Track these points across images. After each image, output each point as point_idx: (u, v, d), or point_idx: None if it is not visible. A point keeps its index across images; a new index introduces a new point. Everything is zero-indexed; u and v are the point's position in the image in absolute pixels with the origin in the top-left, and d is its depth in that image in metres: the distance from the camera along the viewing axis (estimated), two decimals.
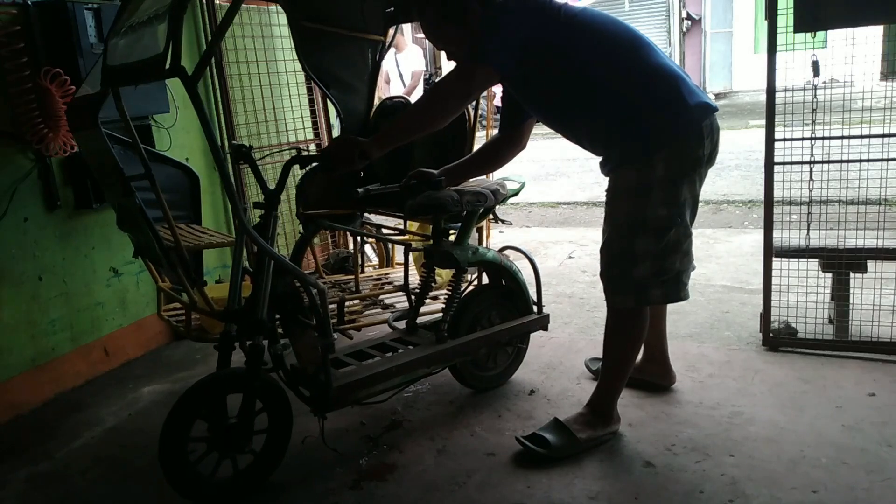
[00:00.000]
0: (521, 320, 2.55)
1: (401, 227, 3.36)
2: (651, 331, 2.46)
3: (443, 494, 2.01)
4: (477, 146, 2.57)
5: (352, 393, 2.12)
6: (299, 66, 3.91)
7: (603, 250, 2.12)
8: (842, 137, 2.68)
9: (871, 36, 2.75)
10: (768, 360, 2.71)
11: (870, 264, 2.76)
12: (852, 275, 2.77)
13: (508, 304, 2.58)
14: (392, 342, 2.44)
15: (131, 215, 2.26)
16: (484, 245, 3.25)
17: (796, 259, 2.81)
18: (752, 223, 5.06)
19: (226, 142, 3.58)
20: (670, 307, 3.31)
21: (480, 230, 3.19)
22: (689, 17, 15.16)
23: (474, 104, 2.81)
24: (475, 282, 3.09)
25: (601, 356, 2.36)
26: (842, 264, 2.76)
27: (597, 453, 2.14)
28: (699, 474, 2.01)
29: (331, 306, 2.69)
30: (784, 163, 2.68)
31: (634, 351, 2.23)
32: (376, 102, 3.30)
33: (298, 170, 2.14)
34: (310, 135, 4.08)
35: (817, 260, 2.83)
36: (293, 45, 2.91)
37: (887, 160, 2.67)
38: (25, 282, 2.73)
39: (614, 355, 2.20)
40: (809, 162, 2.69)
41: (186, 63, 1.78)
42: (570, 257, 4.51)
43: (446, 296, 2.47)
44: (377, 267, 3.73)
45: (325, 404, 2.07)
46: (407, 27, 10.21)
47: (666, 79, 1.97)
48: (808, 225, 2.75)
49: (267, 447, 2.06)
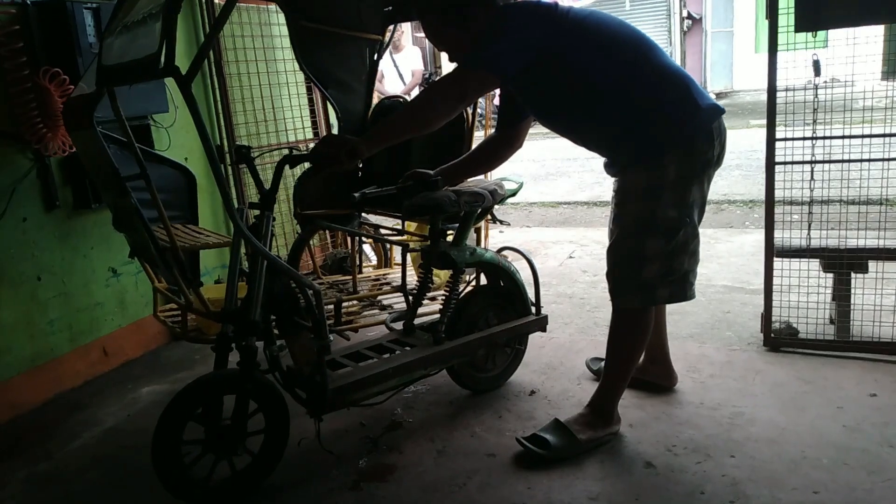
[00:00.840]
0: (520, 321, 2.54)
1: (399, 228, 3.35)
2: (652, 331, 2.46)
3: (443, 495, 2.00)
4: (475, 146, 2.56)
5: (348, 395, 2.11)
6: (298, 66, 3.91)
7: (611, 250, 2.12)
8: (843, 137, 2.68)
9: (872, 36, 2.75)
10: (769, 361, 2.70)
11: (871, 264, 2.75)
12: (853, 275, 2.76)
13: (506, 305, 2.57)
14: (389, 343, 2.43)
15: (127, 215, 2.25)
16: (482, 245, 3.24)
17: (797, 259, 2.80)
18: (753, 223, 5.05)
19: (225, 142, 3.57)
20: (671, 307, 3.30)
21: (479, 230, 3.18)
22: (690, 17, 15.15)
23: (473, 104, 2.80)
24: (473, 282, 3.09)
25: (602, 356, 2.35)
26: (843, 264, 2.75)
27: (597, 454, 2.13)
28: (700, 475, 2.00)
29: (328, 307, 2.68)
30: (785, 162, 2.68)
31: (638, 352, 2.23)
32: (374, 101, 3.30)
33: (289, 169, 2.12)
34: (309, 135, 4.08)
35: (818, 260, 2.82)
36: (291, 45, 2.90)
37: (888, 160, 2.66)
38: (24, 282, 2.73)
39: (618, 356, 2.19)
40: (811, 162, 2.69)
41: (185, 63, 1.77)
42: (571, 257, 4.50)
43: (444, 297, 2.46)
44: (375, 267, 3.72)
45: (321, 406, 2.05)
46: (406, 27, 10.21)
47: (676, 81, 1.99)
48: (810, 225, 2.74)
49: (264, 449, 2.05)
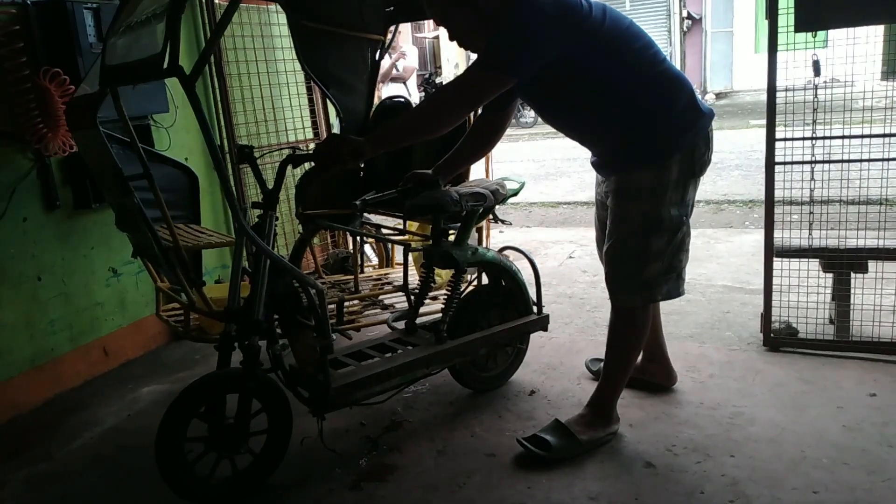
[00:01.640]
0: (521, 321, 2.54)
1: (400, 228, 3.35)
2: (650, 331, 2.46)
3: (443, 495, 2.00)
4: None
5: (350, 394, 2.11)
6: (299, 66, 3.90)
7: (612, 251, 2.12)
8: (843, 137, 2.68)
9: (872, 35, 2.75)
10: (769, 361, 2.70)
11: (871, 264, 2.76)
12: (853, 275, 2.76)
13: (508, 305, 2.57)
14: (391, 343, 2.43)
15: (130, 215, 2.26)
16: (483, 245, 3.25)
17: (797, 259, 2.80)
18: (753, 223, 5.05)
19: (225, 142, 3.57)
20: (670, 307, 3.32)
21: (480, 230, 3.19)
22: (690, 17, 15.14)
23: None
24: (475, 282, 3.09)
25: (601, 356, 2.35)
26: (843, 264, 2.75)
27: (597, 454, 2.14)
28: (700, 475, 2.00)
29: (330, 306, 2.68)
30: (785, 162, 2.68)
31: (637, 351, 2.24)
32: (376, 101, 3.30)
33: (292, 170, 2.13)
34: (309, 134, 4.08)
35: (818, 260, 2.83)
36: (293, 45, 2.90)
37: (888, 160, 2.66)
38: (25, 282, 2.73)
39: (617, 355, 2.20)
40: (810, 162, 2.69)
41: (186, 63, 1.77)
42: (571, 257, 4.50)
43: (446, 296, 2.46)
44: (377, 267, 3.73)
45: (324, 405, 2.06)
46: (405, 27, 10.21)
47: (682, 87, 2.03)
48: (810, 225, 2.74)
49: (266, 448, 2.06)
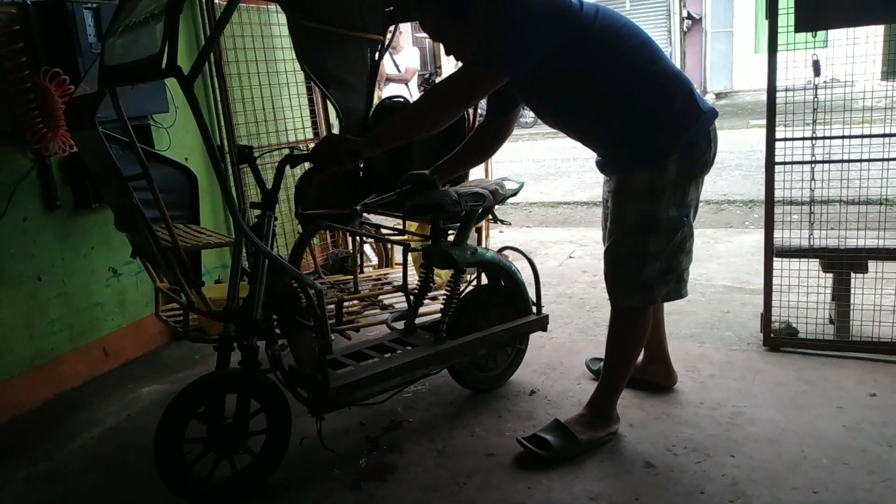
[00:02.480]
0: (520, 321, 2.54)
1: (400, 228, 3.35)
2: (651, 331, 2.45)
3: (443, 495, 2.00)
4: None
5: (349, 394, 2.11)
6: (299, 66, 3.90)
7: (611, 250, 2.12)
8: (843, 137, 2.68)
9: (872, 35, 2.75)
10: (769, 361, 2.70)
11: (871, 264, 2.75)
12: (853, 275, 2.76)
13: (507, 305, 2.57)
14: (390, 343, 2.43)
15: (129, 215, 2.26)
16: (483, 245, 3.25)
17: (797, 259, 2.80)
18: (753, 223, 5.05)
19: (225, 142, 3.57)
20: (670, 307, 3.31)
21: (480, 230, 3.18)
22: (690, 17, 15.14)
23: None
24: (474, 282, 3.09)
25: (601, 356, 2.35)
26: (843, 264, 2.75)
27: (597, 454, 2.14)
28: (700, 475, 2.00)
29: (329, 307, 2.68)
30: (785, 162, 2.68)
31: (637, 351, 2.24)
32: (375, 101, 3.30)
33: (290, 170, 2.12)
34: (309, 134, 4.08)
35: (818, 260, 2.83)
36: (292, 45, 2.90)
37: (888, 160, 2.66)
38: (24, 282, 2.73)
39: (617, 355, 2.20)
40: (810, 162, 2.69)
41: (186, 63, 1.77)
42: (571, 257, 4.50)
43: (445, 296, 2.46)
44: (376, 267, 3.73)
45: (323, 405, 2.06)
46: (405, 27, 10.20)
47: (681, 85, 2.01)
48: (810, 225, 2.74)
49: (266, 448, 2.06)
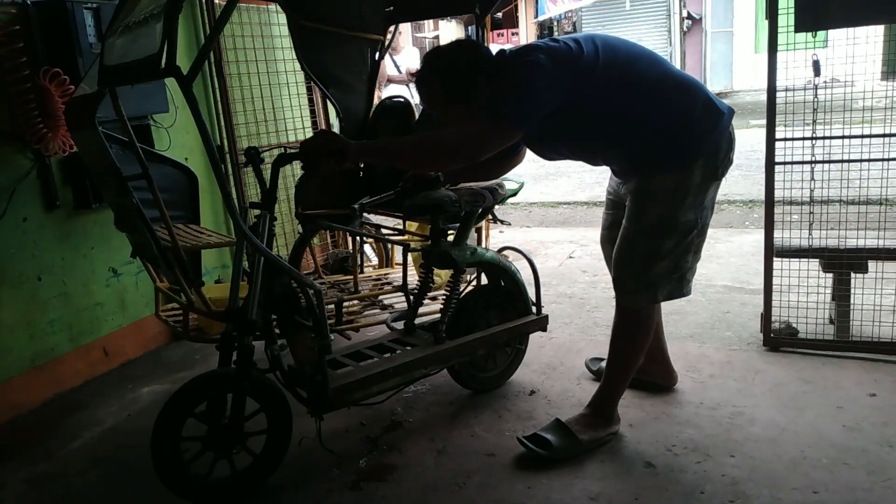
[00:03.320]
0: (520, 321, 2.54)
1: (400, 228, 3.35)
2: None
3: (443, 495, 2.00)
4: None
5: (349, 394, 2.11)
6: (299, 66, 3.89)
7: (622, 249, 2.12)
8: (843, 137, 2.68)
9: (872, 35, 2.75)
10: (769, 361, 2.70)
11: (871, 264, 2.75)
12: (853, 275, 2.76)
13: (507, 305, 2.57)
14: (390, 343, 2.43)
15: (128, 215, 2.26)
16: (483, 245, 3.25)
17: (797, 259, 2.80)
18: (753, 223, 5.05)
19: (225, 142, 3.57)
20: (669, 307, 3.31)
21: (479, 230, 3.18)
22: (690, 17, 15.12)
23: None
24: (474, 282, 3.09)
25: (602, 356, 2.35)
26: (843, 264, 2.75)
27: (597, 454, 2.14)
28: (700, 475, 2.00)
29: (329, 307, 2.69)
30: (785, 162, 2.68)
31: (640, 351, 2.23)
32: (375, 101, 3.30)
33: (281, 168, 2.12)
34: (309, 134, 4.08)
35: (818, 260, 2.83)
36: (292, 45, 2.90)
37: (888, 160, 2.66)
38: (24, 282, 2.73)
39: (620, 356, 2.20)
40: (810, 162, 2.69)
41: (186, 63, 1.77)
42: (571, 257, 4.50)
43: (445, 296, 2.46)
44: (376, 267, 3.73)
45: (322, 405, 2.06)
46: (405, 27, 10.21)
47: (697, 92, 2.02)
48: (810, 225, 2.74)
49: (266, 448, 2.06)
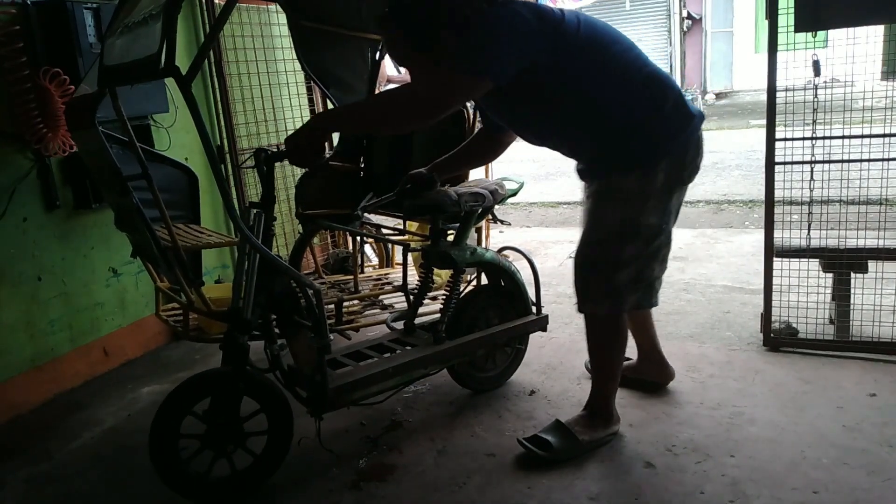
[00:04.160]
0: (520, 321, 2.54)
1: (400, 228, 3.35)
2: (640, 332, 2.44)
3: (443, 495, 2.00)
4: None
5: (349, 394, 2.11)
6: (299, 66, 3.89)
7: (582, 254, 2.07)
8: (843, 137, 2.68)
9: (872, 35, 2.74)
10: (769, 361, 2.70)
11: (871, 264, 2.75)
12: (853, 275, 2.76)
13: (507, 305, 2.57)
14: (390, 343, 2.43)
15: (129, 215, 2.26)
16: (482, 245, 3.25)
17: (797, 259, 2.80)
18: (753, 223, 5.05)
19: (225, 142, 3.57)
20: (670, 307, 3.32)
21: (479, 230, 3.18)
22: (690, 17, 15.14)
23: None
24: (474, 282, 3.09)
25: None
26: (843, 264, 2.75)
27: (597, 454, 2.13)
28: (700, 475, 2.00)
29: (329, 306, 2.68)
30: (785, 162, 2.68)
31: (619, 352, 2.18)
32: None
33: (286, 170, 2.11)
34: None
35: (818, 260, 2.82)
36: (292, 45, 2.90)
37: (888, 160, 2.66)
38: (24, 282, 2.73)
39: (598, 361, 2.19)
40: (810, 162, 2.69)
41: (185, 63, 1.77)
42: (571, 257, 4.48)
43: (445, 296, 2.46)
44: (376, 267, 3.73)
45: (322, 405, 2.06)
46: None
47: (670, 89, 1.97)
48: (809, 225, 2.74)
49: (266, 448, 2.06)
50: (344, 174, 3.10)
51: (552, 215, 6.05)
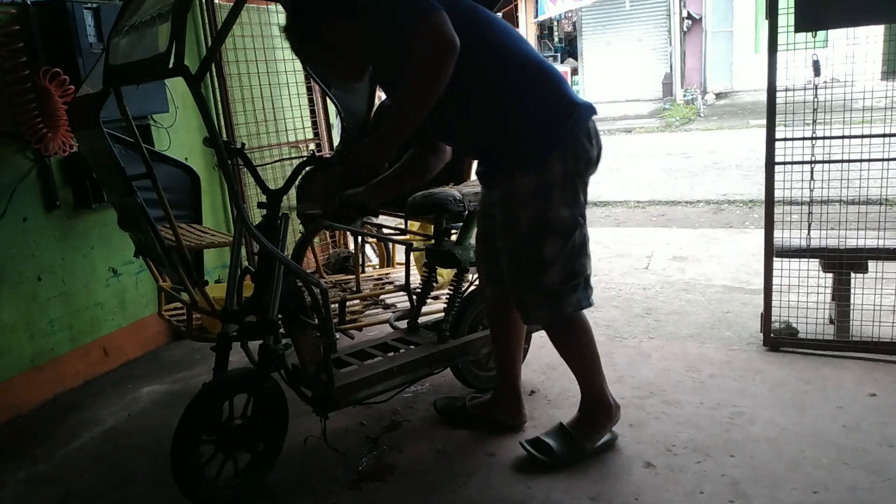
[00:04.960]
0: None
1: (402, 227, 3.35)
2: (505, 361, 2.30)
3: (443, 495, 2.00)
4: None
5: (354, 393, 2.12)
6: (299, 66, 3.91)
7: (507, 263, 2.00)
8: (842, 137, 2.68)
9: (872, 35, 2.75)
10: (769, 361, 2.70)
11: (871, 264, 2.76)
12: (853, 275, 2.77)
13: None
14: (393, 342, 2.44)
15: (132, 215, 2.26)
16: None
17: (797, 259, 2.80)
18: (753, 223, 5.05)
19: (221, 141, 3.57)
20: (670, 307, 3.32)
21: None
22: (690, 17, 15.14)
23: None
24: (476, 281, 3.09)
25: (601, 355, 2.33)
26: (843, 264, 2.75)
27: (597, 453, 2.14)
28: (700, 475, 2.00)
29: (332, 306, 2.68)
30: (785, 162, 2.68)
31: (589, 349, 2.09)
32: (377, 102, 3.30)
33: (282, 170, 2.11)
34: (309, 134, 4.08)
35: (818, 260, 2.83)
36: None
37: (888, 160, 2.66)
38: (24, 282, 2.73)
39: (575, 363, 2.12)
40: (810, 162, 2.69)
41: (187, 63, 1.78)
42: None
43: (448, 295, 2.46)
44: (378, 267, 3.73)
45: (328, 404, 2.06)
46: None
47: (553, 77, 1.91)
48: (809, 225, 2.74)
49: (265, 447, 2.06)
50: (345, 174, 3.09)
51: None
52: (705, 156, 8.18)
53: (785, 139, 2.67)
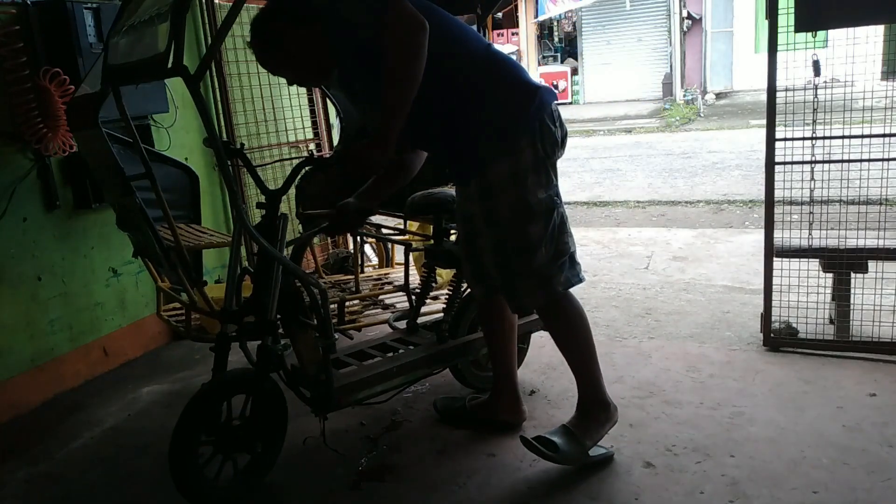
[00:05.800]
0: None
1: (401, 227, 3.35)
2: (500, 358, 2.32)
3: (443, 495, 2.00)
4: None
5: (353, 393, 2.12)
6: None
7: (493, 255, 2.01)
8: (843, 137, 2.68)
9: (872, 35, 2.75)
10: (769, 361, 2.70)
11: (871, 264, 2.76)
12: (853, 275, 2.77)
13: None
14: (393, 342, 2.44)
15: (131, 215, 2.26)
16: None
17: (797, 259, 2.80)
18: (753, 223, 5.05)
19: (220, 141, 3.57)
20: (670, 307, 3.32)
21: None
22: (690, 17, 15.13)
23: None
24: None
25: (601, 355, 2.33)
26: (843, 264, 2.75)
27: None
28: (700, 475, 2.00)
29: (331, 306, 2.69)
30: (785, 162, 2.68)
31: (584, 333, 2.10)
32: None
33: (283, 170, 2.11)
34: (309, 134, 4.08)
35: (818, 260, 2.83)
36: None
37: (888, 160, 2.67)
38: (24, 282, 2.73)
39: (569, 348, 2.12)
40: (810, 162, 2.69)
41: (186, 63, 1.78)
42: None
43: (447, 296, 2.46)
44: (377, 267, 3.73)
45: (327, 405, 2.06)
46: None
47: (510, 65, 1.95)
48: (810, 225, 2.74)
49: (265, 447, 2.06)
50: (345, 175, 3.09)
51: None
52: (705, 156, 8.18)
53: (785, 139, 2.67)
